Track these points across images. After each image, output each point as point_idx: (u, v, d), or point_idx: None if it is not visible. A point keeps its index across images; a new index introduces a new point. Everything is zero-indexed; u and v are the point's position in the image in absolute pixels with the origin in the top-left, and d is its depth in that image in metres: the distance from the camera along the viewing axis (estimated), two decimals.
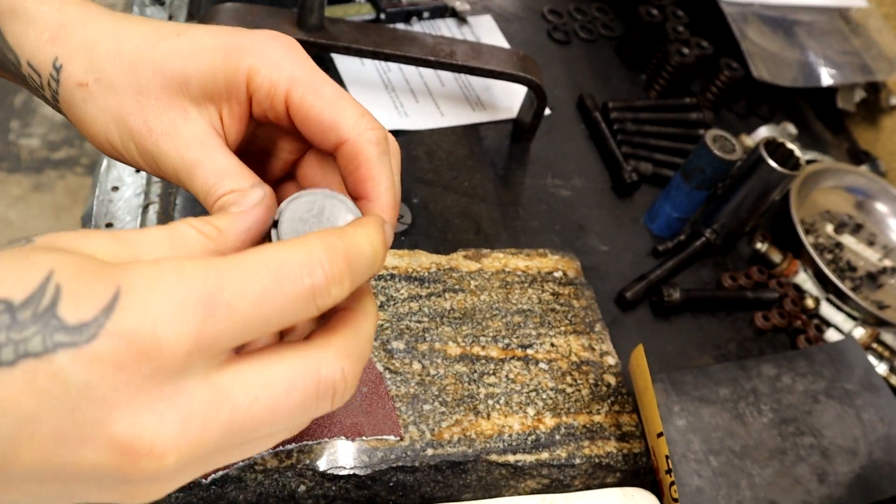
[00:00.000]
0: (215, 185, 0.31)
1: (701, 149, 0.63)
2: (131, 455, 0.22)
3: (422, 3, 0.81)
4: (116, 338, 0.22)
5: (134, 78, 0.32)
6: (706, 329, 0.65)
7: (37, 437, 0.22)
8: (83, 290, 0.22)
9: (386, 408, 0.47)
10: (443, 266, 0.55)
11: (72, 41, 0.33)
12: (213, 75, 0.32)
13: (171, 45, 0.33)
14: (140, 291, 0.22)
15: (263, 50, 0.33)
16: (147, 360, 0.22)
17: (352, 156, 0.32)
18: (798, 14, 0.88)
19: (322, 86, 0.33)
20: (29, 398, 0.21)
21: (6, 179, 1.96)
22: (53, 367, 0.22)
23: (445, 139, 0.72)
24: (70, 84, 0.33)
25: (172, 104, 0.33)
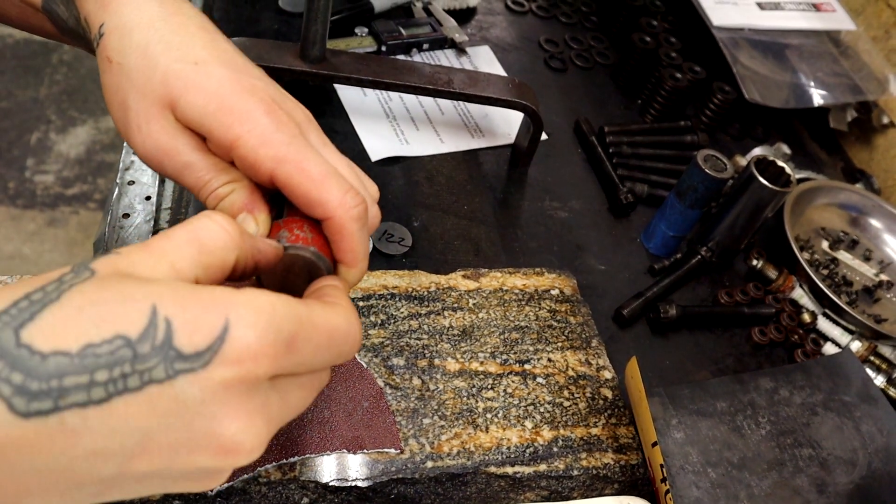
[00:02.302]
0: (210, 182, 0.37)
1: (693, 168, 0.65)
2: (234, 455, 0.28)
3: (422, 35, 0.84)
4: (227, 364, 0.27)
5: (145, 79, 0.37)
6: (703, 345, 0.66)
7: (154, 450, 0.26)
8: (195, 322, 0.27)
9: (386, 422, 0.48)
10: (442, 285, 0.57)
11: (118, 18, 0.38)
12: (202, 116, 0.36)
13: (184, 69, 0.36)
14: (245, 325, 0.27)
15: (252, 124, 0.36)
16: (247, 382, 0.27)
17: (336, 229, 0.37)
18: (788, 38, 0.90)
19: (308, 164, 0.36)
20: (151, 418, 0.26)
21: (21, 215, 2.00)
22: (174, 390, 0.26)
23: (445, 165, 0.74)
24: (103, 54, 0.38)
25: (164, 116, 0.37)
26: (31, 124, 2.18)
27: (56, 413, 0.25)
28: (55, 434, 0.25)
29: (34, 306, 0.26)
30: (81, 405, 0.25)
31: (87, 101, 2.26)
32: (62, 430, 0.25)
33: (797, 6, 0.94)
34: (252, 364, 0.27)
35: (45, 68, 2.31)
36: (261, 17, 0.85)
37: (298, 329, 0.29)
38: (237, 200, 0.37)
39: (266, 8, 0.86)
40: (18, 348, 0.25)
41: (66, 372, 0.25)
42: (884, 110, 0.92)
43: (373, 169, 0.71)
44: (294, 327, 0.29)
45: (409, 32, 0.83)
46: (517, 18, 0.96)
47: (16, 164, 2.11)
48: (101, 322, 0.26)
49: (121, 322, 0.26)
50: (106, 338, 0.25)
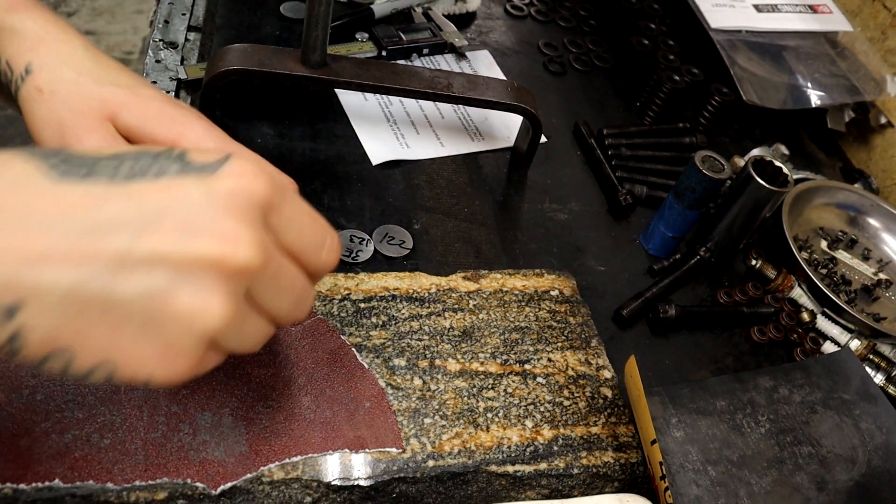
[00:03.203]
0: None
1: (691, 169, 0.66)
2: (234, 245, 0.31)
3: (421, 40, 0.85)
4: (229, 176, 0.32)
5: (80, 101, 0.42)
6: (703, 344, 0.67)
7: (166, 225, 0.30)
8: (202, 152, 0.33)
9: (388, 421, 0.49)
10: (442, 287, 0.58)
11: (45, 57, 0.43)
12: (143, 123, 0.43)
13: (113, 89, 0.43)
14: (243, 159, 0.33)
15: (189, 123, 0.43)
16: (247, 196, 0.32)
17: None
18: (785, 39, 0.91)
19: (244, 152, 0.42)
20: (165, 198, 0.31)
21: None
22: (185, 185, 0.31)
23: (445, 168, 0.74)
24: (31, 86, 0.43)
25: (104, 127, 0.42)
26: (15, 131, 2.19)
27: (86, 180, 0.30)
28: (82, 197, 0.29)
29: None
30: (107, 179, 0.30)
31: None
32: (88, 195, 0.30)
33: (794, 8, 0.94)
34: (251, 180, 0.32)
35: None
36: (262, 24, 0.86)
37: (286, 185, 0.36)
38: None
39: (267, 14, 0.87)
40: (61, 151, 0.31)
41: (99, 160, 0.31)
42: (881, 111, 0.93)
43: (374, 173, 0.71)
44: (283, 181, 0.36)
45: (409, 37, 0.84)
46: (516, 23, 0.97)
47: None
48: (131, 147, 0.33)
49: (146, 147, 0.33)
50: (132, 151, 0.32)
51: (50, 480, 0.41)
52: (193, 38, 0.84)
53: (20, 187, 0.29)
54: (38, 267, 0.28)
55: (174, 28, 0.85)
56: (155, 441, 0.44)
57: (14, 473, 0.41)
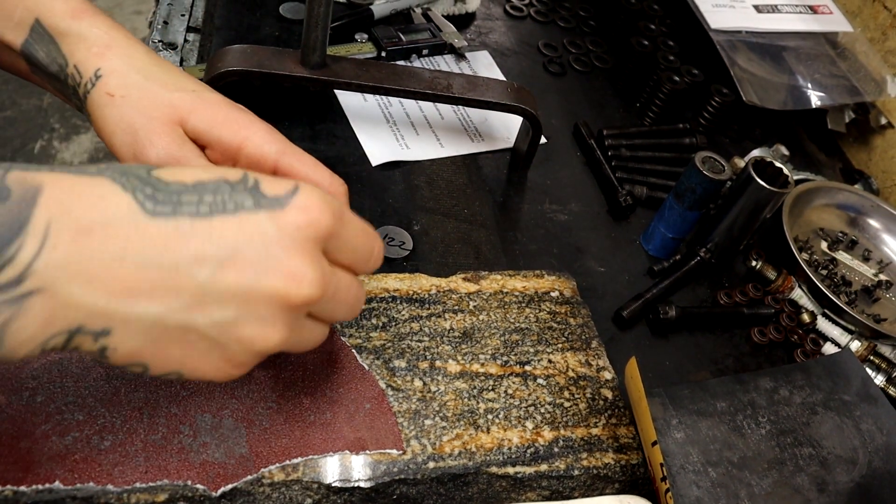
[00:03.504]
0: None
1: (691, 170, 0.66)
2: (297, 282, 0.34)
3: (421, 40, 0.85)
4: (297, 210, 0.35)
5: (150, 105, 0.44)
6: (703, 345, 0.67)
7: (240, 262, 0.33)
8: (274, 182, 0.36)
9: (388, 423, 0.48)
10: (442, 288, 0.57)
11: (114, 62, 0.45)
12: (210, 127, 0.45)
13: (183, 97, 0.45)
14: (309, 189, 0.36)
15: (255, 129, 0.46)
16: (313, 229, 0.35)
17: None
18: (785, 40, 0.91)
19: (304, 156, 0.46)
20: (240, 237, 0.34)
21: None
22: (258, 220, 0.34)
23: (445, 169, 0.74)
24: (101, 91, 0.45)
25: (174, 131, 0.44)
26: (34, 133, 2.19)
27: (173, 217, 0.32)
28: (171, 234, 0.32)
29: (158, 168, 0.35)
30: (191, 215, 0.33)
31: None
32: (176, 232, 0.32)
33: (794, 9, 0.94)
34: (317, 214, 0.35)
35: None
36: (261, 24, 0.86)
37: (344, 209, 0.38)
38: None
39: (267, 15, 0.87)
40: (149, 177, 0.34)
41: (183, 192, 0.33)
42: (881, 111, 0.93)
43: (373, 174, 0.71)
44: (341, 207, 0.37)
45: (408, 38, 0.84)
46: (516, 23, 0.96)
47: None
48: (210, 172, 0.35)
49: (223, 173, 0.35)
50: (213, 179, 0.35)
51: (50, 482, 0.41)
52: (192, 39, 0.84)
53: (119, 226, 0.31)
54: (129, 300, 0.32)
55: (173, 29, 0.85)
56: (155, 443, 0.44)
57: (14, 475, 0.41)
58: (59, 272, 0.30)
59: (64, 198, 0.31)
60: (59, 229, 0.30)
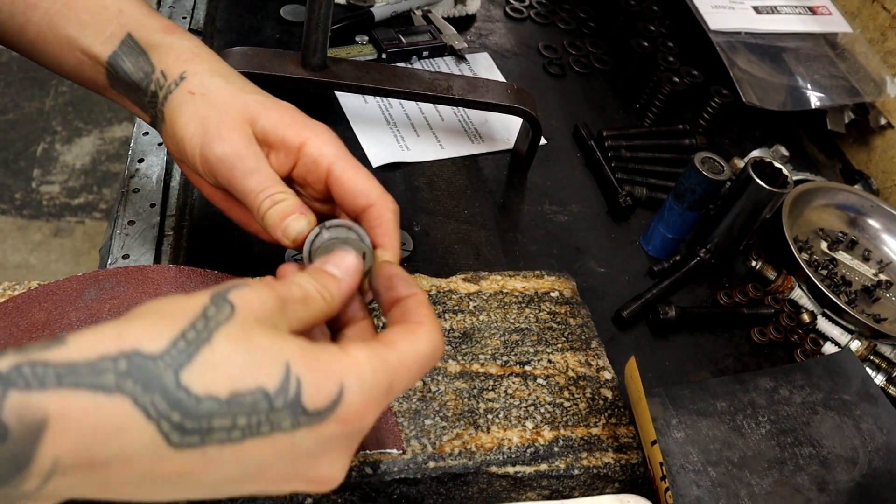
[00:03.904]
0: (269, 188, 0.44)
1: (690, 170, 0.66)
2: (321, 486, 0.34)
3: (421, 42, 0.85)
4: (339, 422, 0.32)
5: (225, 103, 0.46)
6: (703, 345, 0.67)
7: (263, 478, 0.32)
8: (317, 384, 0.32)
9: (389, 423, 0.49)
10: (442, 288, 0.58)
11: (199, 66, 0.48)
12: (276, 127, 0.46)
13: (257, 98, 0.47)
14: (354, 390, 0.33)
15: (317, 131, 0.46)
16: (351, 435, 0.33)
17: (376, 216, 0.44)
18: (784, 41, 0.91)
19: (358, 166, 0.46)
20: (270, 454, 0.31)
21: (28, 226, 2.01)
22: (294, 438, 0.31)
23: (445, 170, 0.75)
24: (184, 89, 0.47)
25: (243, 128, 0.45)
26: (36, 135, 2.19)
27: (201, 447, 0.30)
28: (196, 463, 0.30)
29: (190, 347, 0.30)
30: (221, 442, 0.30)
31: (93, 111, 2.28)
32: (203, 460, 0.30)
33: (793, 10, 0.95)
34: (358, 422, 0.33)
35: (50, 80, 2.33)
36: (262, 27, 0.86)
37: (394, 377, 0.35)
38: (289, 205, 0.44)
39: (268, 17, 0.87)
40: (178, 390, 0.29)
41: (215, 414, 0.30)
42: (881, 112, 0.93)
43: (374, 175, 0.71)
44: (391, 377, 0.34)
45: (408, 40, 0.84)
46: (516, 25, 0.97)
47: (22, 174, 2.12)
48: (247, 373, 0.31)
49: (262, 376, 0.31)
50: (250, 389, 0.30)
51: None
52: None
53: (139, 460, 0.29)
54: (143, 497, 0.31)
55: None
56: None
57: None
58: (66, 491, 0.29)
59: (73, 434, 0.27)
60: (67, 465, 0.28)
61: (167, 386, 0.29)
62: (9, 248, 1.97)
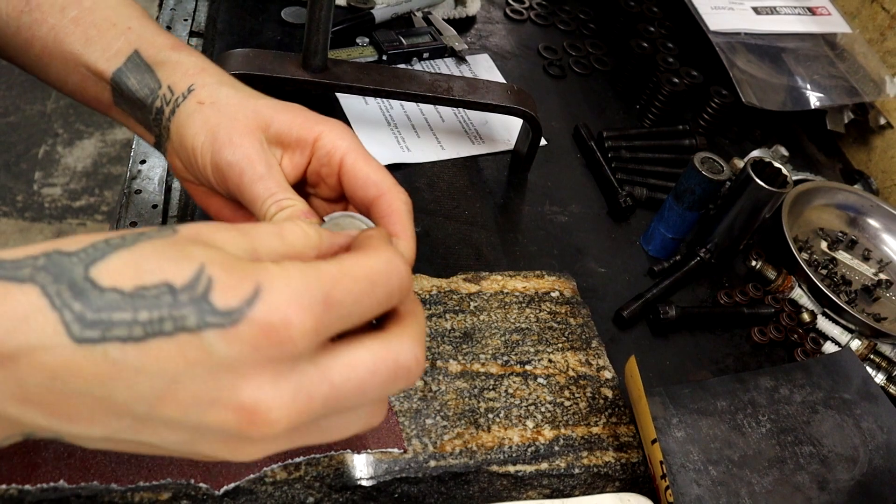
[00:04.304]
0: (276, 194, 0.43)
1: (690, 171, 0.66)
2: (251, 418, 0.29)
3: (422, 44, 0.86)
4: (255, 324, 0.28)
5: (235, 110, 0.46)
6: (703, 345, 0.67)
7: (179, 395, 0.28)
8: (230, 283, 0.29)
9: (390, 422, 0.49)
10: (443, 289, 0.58)
11: (207, 79, 0.47)
12: (290, 128, 0.45)
13: (267, 103, 0.47)
14: (276, 290, 0.29)
15: (331, 125, 0.46)
16: (276, 345, 0.28)
17: (386, 205, 0.43)
18: (784, 41, 0.91)
19: (370, 158, 0.45)
20: (180, 364, 0.28)
21: (29, 228, 2.02)
22: (203, 341, 0.28)
23: (446, 171, 0.75)
24: (193, 101, 0.46)
25: (254, 134, 0.45)
26: (38, 138, 2.20)
27: (102, 343, 0.28)
28: (99, 363, 0.28)
29: (108, 248, 0.29)
30: (122, 340, 0.28)
31: (94, 114, 2.29)
32: (105, 360, 0.28)
33: (793, 10, 0.95)
34: (283, 330, 0.28)
35: None
36: (263, 29, 0.86)
37: (332, 285, 0.30)
38: (296, 211, 0.42)
39: (269, 19, 0.88)
40: (84, 281, 0.28)
41: (116, 307, 0.28)
42: (881, 112, 0.93)
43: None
44: (327, 285, 0.30)
45: (409, 42, 0.85)
46: (516, 26, 0.97)
47: (24, 177, 2.13)
48: (156, 269, 0.29)
49: (171, 272, 0.29)
50: (155, 283, 0.28)
51: (55, 481, 0.42)
52: (195, 44, 0.85)
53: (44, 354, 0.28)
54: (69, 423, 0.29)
55: (176, 34, 0.85)
56: None
57: (20, 474, 0.42)
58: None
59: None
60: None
61: (75, 278, 0.28)
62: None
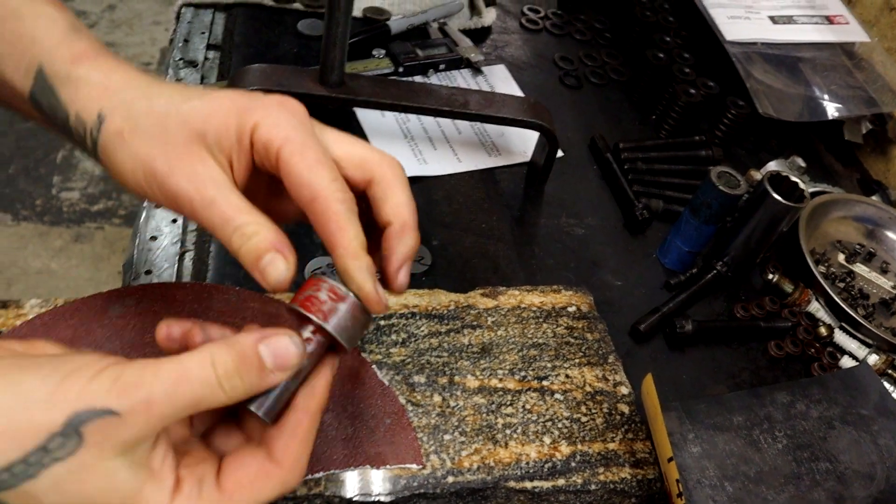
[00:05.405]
0: (232, 218, 0.38)
1: (706, 185, 0.66)
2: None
3: (438, 55, 0.86)
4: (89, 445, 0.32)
5: (161, 129, 0.39)
6: (720, 359, 0.67)
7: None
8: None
9: (408, 438, 0.49)
10: (461, 304, 0.58)
11: (114, 99, 0.40)
12: (227, 130, 0.39)
13: (194, 105, 0.40)
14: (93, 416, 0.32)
15: (268, 111, 0.40)
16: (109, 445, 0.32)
17: (321, 212, 0.38)
18: (801, 51, 0.91)
19: (308, 149, 0.39)
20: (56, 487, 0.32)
21: (48, 232, 2.04)
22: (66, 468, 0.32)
23: (463, 184, 0.75)
24: (110, 132, 0.40)
25: (193, 151, 0.39)
26: (56, 142, 2.22)
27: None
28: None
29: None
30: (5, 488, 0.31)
31: None
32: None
33: (810, 19, 0.94)
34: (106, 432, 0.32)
35: None
36: (280, 41, 0.87)
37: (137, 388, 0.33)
38: (262, 241, 0.38)
39: (285, 32, 0.88)
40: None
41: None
42: None
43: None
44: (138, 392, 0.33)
45: (425, 53, 0.85)
46: (532, 37, 0.97)
47: (42, 181, 2.15)
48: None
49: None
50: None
51: None
52: (213, 57, 0.86)
53: None
54: None
55: (194, 47, 0.87)
56: None
57: None
58: None
59: None
60: None
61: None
62: (30, 254, 2.00)
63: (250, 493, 0.36)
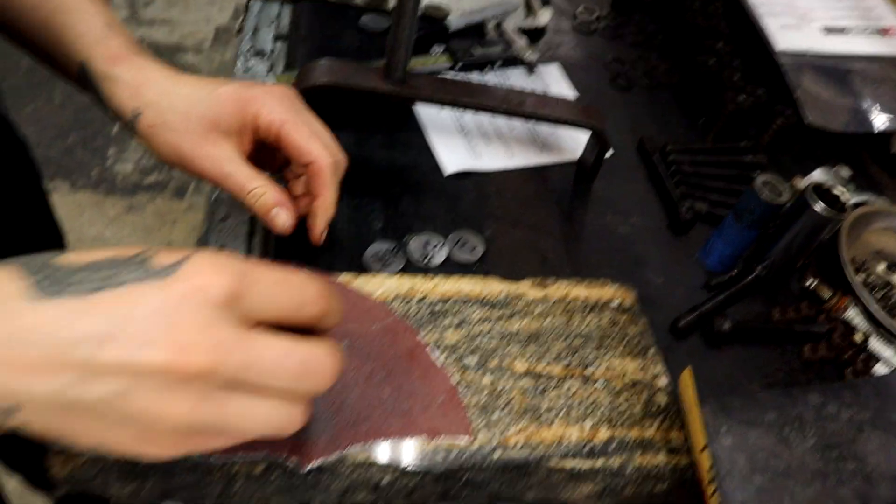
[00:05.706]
0: (245, 185, 0.54)
1: (750, 192, 0.69)
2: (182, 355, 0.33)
3: (494, 53, 0.89)
4: (184, 279, 0.34)
5: (185, 122, 0.53)
6: (755, 359, 0.70)
7: (120, 338, 0.33)
8: (166, 254, 0.36)
9: (459, 415, 0.53)
10: (512, 293, 0.62)
11: (145, 98, 0.54)
12: (234, 117, 0.54)
13: (208, 100, 0.54)
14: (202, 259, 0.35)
15: (266, 100, 0.55)
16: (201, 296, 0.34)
17: (315, 171, 0.56)
18: (852, 63, 0.92)
19: (302, 125, 0.55)
20: (122, 310, 0.33)
21: (103, 201, 2.12)
22: (142, 290, 0.34)
23: (514, 179, 0.79)
24: (144, 126, 0.54)
25: (210, 138, 0.54)
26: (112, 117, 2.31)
27: (59, 297, 0.33)
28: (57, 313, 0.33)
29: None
30: (76, 294, 0.33)
31: None
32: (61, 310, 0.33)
33: (863, 31, 0.95)
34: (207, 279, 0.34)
35: None
36: (342, 35, 0.91)
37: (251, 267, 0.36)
38: (268, 199, 0.54)
39: (347, 27, 0.92)
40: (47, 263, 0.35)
41: (74, 273, 0.34)
42: None
43: (446, 182, 0.76)
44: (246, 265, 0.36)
45: (482, 51, 0.89)
46: (585, 38, 1.00)
47: (99, 152, 2.24)
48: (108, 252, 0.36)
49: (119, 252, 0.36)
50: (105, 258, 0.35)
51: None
52: (280, 48, 0.90)
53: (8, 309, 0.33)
54: (25, 378, 0.33)
55: (262, 37, 0.91)
56: None
57: None
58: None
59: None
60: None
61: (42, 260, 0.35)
62: (86, 222, 2.08)
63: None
